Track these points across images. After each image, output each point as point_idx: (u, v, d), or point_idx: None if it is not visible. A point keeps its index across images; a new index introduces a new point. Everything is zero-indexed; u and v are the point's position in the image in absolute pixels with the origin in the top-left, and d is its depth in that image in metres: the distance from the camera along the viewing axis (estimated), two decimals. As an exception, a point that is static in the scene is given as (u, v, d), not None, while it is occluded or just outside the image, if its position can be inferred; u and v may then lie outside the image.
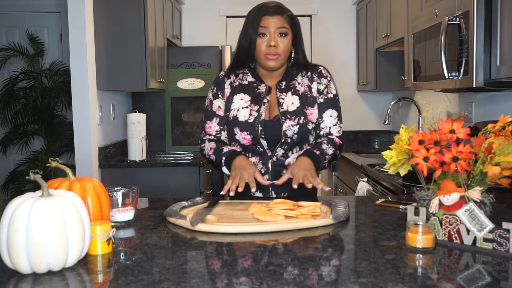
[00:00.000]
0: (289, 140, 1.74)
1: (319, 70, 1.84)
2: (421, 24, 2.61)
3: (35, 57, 4.42)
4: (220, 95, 1.84)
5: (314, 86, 1.81)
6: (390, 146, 1.35)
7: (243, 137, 1.75)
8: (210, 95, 1.87)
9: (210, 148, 1.79)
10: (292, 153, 1.77)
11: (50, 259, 1.00)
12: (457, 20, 2.12)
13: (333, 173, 3.96)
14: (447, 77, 2.19)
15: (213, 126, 1.83)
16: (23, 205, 1.00)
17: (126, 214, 1.41)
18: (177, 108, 3.96)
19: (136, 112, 3.43)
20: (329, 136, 1.80)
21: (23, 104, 4.38)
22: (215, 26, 4.65)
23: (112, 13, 3.23)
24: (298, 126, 1.74)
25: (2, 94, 4.40)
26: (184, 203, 1.55)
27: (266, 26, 1.72)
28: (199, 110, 3.95)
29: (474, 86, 2.01)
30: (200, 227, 1.32)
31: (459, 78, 2.12)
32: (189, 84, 3.94)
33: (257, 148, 1.76)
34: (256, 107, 1.77)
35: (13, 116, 4.39)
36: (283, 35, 1.73)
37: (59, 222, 1.00)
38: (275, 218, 1.36)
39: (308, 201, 1.51)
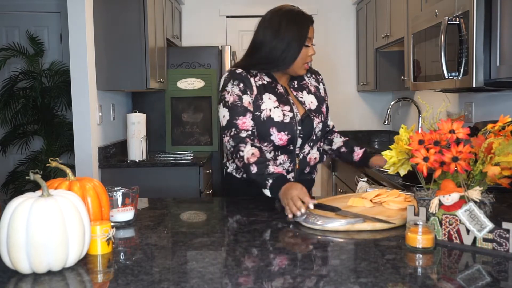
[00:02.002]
0: (314, 137, 1.81)
1: (319, 72, 1.97)
2: (421, 24, 2.61)
3: (35, 57, 4.41)
4: (249, 92, 1.75)
5: (321, 87, 1.93)
6: (390, 146, 1.35)
7: (280, 137, 1.73)
8: (236, 90, 1.74)
9: (253, 154, 1.63)
10: (312, 149, 1.83)
11: (50, 259, 1.00)
12: (457, 20, 2.12)
13: (333, 173, 3.96)
14: (447, 77, 2.19)
15: (247, 122, 1.71)
16: (23, 205, 1.00)
17: (126, 214, 1.41)
18: (177, 108, 3.96)
19: (136, 112, 3.43)
20: (333, 129, 2.02)
21: (23, 104, 4.38)
22: (215, 26, 4.65)
23: (112, 13, 3.23)
24: (321, 123, 1.83)
25: (2, 94, 4.39)
26: (298, 213, 1.41)
27: (311, 37, 1.76)
28: (199, 110, 3.95)
29: (474, 86, 2.01)
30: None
31: (459, 78, 2.12)
32: (189, 84, 3.94)
33: (289, 147, 1.77)
34: (287, 107, 1.77)
35: (13, 116, 4.38)
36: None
37: (59, 222, 1.00)
38: (409, 203, 1.49)
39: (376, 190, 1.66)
